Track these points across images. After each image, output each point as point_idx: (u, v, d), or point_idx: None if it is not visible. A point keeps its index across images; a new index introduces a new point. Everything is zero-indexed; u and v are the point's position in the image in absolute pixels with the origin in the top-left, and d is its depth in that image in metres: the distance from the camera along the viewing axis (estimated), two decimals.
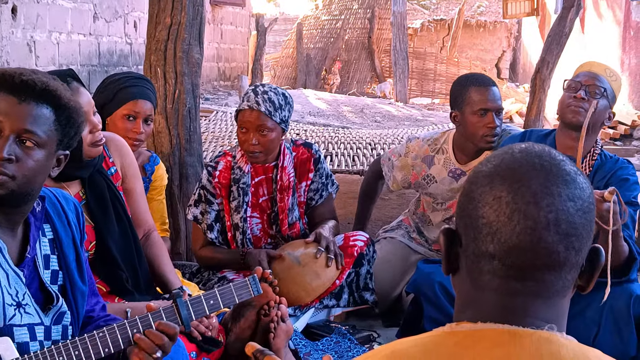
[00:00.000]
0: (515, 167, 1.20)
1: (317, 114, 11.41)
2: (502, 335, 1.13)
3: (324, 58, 20.23)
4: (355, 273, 3.74)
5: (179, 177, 4.35)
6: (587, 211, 1.18)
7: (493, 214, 1.18)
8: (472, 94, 3.76)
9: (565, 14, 7.64)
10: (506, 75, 23.30)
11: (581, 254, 1.18)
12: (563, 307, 1.20)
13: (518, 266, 1.17)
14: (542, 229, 1.15)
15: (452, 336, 1.17)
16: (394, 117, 11.52)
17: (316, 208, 3.91)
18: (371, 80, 20.48)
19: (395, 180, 4.20)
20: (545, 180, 1.17)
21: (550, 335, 1.13)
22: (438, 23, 23.21)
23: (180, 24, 4.26)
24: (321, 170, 3.86)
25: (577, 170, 1.21)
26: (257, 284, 2.50)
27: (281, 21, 25.79)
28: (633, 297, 3.18)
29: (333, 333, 3.56)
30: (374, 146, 6.27)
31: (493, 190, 1.19)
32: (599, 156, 3.37)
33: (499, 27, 23.47)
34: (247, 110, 3.57)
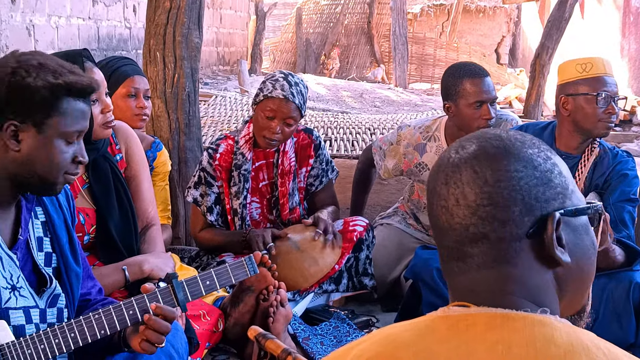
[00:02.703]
0: (442, 155, 1.25)
1: (316, 98, 11.40)
2: (495, 319, 1.13)
3: (323, 43, 20.20)
4: (355, 258, 3.74)
5: (178, 161, 4.35)
6: (504, 179, 1.16)
7: (429, 205, 1.24)
8: (466, 86, 3.70)
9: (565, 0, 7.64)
10: (505, 61, 23.26)
11: (513, 224, 1.16)
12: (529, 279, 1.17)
13: (451, 247, 1.20)
14: (452, 206, 1.18)
15: (445, 320, 1.17)
16: (393, 102, 11.51)
17: (316, 194, 3.91)
18: (370, 65, 20.44)
19: (386, 169, 4.18)
20: (457, 160, 1.20)
21: (544, 318, 1.13)
22: (438, 8, 23.14)
23: (180, 8, 4.25)
24: (321, 157, 3.87)
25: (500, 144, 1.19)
26: (254, 264, 2.51)
27: (280, 6, 25.69)
28: (633, 284, 3.18)
29: (332, 318, 3.57)
30: (373, 131, 6.27)
31: (429, 183, 1.25)
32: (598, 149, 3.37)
33: (499, 13, 23.41)
34: (281, 99, 3.54)
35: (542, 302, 1.17)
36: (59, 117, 2.01)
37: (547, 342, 1.09)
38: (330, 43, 20.28)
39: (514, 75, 17.95)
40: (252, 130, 3.69)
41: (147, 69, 4.30)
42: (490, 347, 1.09)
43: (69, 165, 2.07)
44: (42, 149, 2.01)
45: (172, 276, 2.25)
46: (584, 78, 3.30)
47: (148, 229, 3.17)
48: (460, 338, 1.12)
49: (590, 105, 3.27)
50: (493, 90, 3.75)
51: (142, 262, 2.90)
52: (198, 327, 2.97)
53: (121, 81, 3.51)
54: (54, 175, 2.05)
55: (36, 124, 1.99)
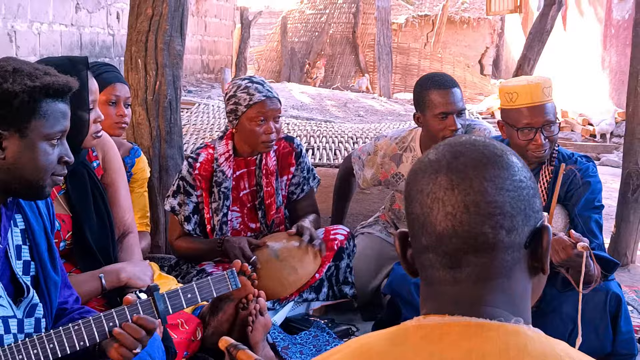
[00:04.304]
0: (435, 158, 1.22)
1: (300, 107, 11.40)
2: (468, 329, 1.13)
3: (308, 52, 20.21)
4: (335, 267, 3.74)
5: (158, 169, 4.33)
6: (511, 189, 1.17)
7: (419, 207, 1.20)
8: (432, 97, 3.71)
9: (546, 11, 7.68)
10: (489, 72, 23.37)
11: (516, 233, 1.17)
12: (514, 290, 1.19)
13: (449, 254, 1.17)
14: (461, 213, 1.16)
15: (419, 329, 1.17)
16: (377, 112, 11.52)
17: (298, 202, 3.91)
18: (355, 75, 20.47)
19: (365, 179, 4.20)
20: (462, 165, 1.18)
21: (517, 328, 1.13)
22: (422, 19, 23.23)
23: (162, 15, 4.24)
24: (302, 164, 3.86)
25: (499, 152, 1.21)
26: (236, 278, 2.50)
27: (266, 14, 25.73)
28: (609, 294, 3.20)
29: (312, 327, 3.56)
30: (355, 140, 6.27)
31: (417, 185, 1.21)
32: (556, 159, 3.33)
33: (483, 24, 23.53)
34: (264, 100, 3.57)
35: (519, 312, 1.18)
36: (40, 119, 2.00)
37: (520, 352, 1.09)
38: (315, 52, 20.30)
39: (497, 86, 18.01)
40: (231, 147, 3.68)
41: (129, 76, 4.28)
42: (464, 356, 1.10)
43: (55, 166, 2.06)
44: (27, 153, 2.00)
45: (154, 288, 2.24)
46: (509, 108, 3.20)
47: (125, 237, 3.15)
48: (434, 347, 1.12)
49: (515, 136, 3.20)
50: (460, 102, 3.75)
51: (120, 270, 2.88)
52: (176, 335, 2.95)
53: (102, 88, 3.50)
54: (41, 178, 2.04)
55: (18, 129, 1.98)
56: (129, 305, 2.18)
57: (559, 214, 3.29)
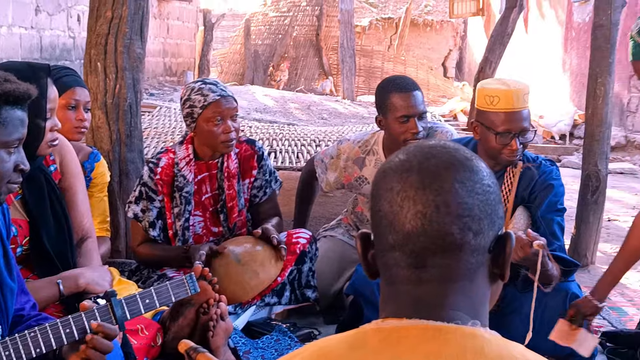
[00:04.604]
0: (406, 158, 1.22)
1: (263, 110, 11.38)
2: (426, 332, 1.14)
3: (272, 55, 20.18)
4: (298, 270, 3.73)
5: (118, 173, 4.29)
6: (480, 192, 1.19)
7: (387, 205, 1.20)
8: (393, 100, 3.72)
9: (507, 14, 7.74)
10: (452, 74, 23.50)
11: (482, 237, 1.19)
12: (476, 294, 1.20)
13: (416, 253, 1.18)
14: (431, 212, 1.16)
15: (377, 333, 1.17)
16: (340, 115, 11.54)
17: (260, 205, 3.89)
18: (319, 78, 20.49)
19: (328, 182, 4.20)
20: (434, 166, 1.19)
21: (475, 331, 1.14)
22: (386, 21, 23.29)
23: (122, 18, 4.20)
24: (264, 167, 3.85)
25: (469, 156, 1.22)
26: (195, 283, 2.48)
27: (229, 17, 25.64)
28: (569, 295, 3.23)
29: (274, 331, 3.55)
30: (318, 143, 6.27)
31: (387, 183, 1.21)
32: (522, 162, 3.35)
33: (446, 27, 23.64)
34: (219, 100, 3.55)
35: (478, 315, 1.19)
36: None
37: (477, 354, 1.10)
38: (279, 55, 20.28)
39: (460, 89, 18.14)
40: (191, 150, 3.66)
41: (88, 79, 4.24)
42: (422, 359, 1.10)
43: (11, 174, 2.03)
44: None
45: (111, 294, 2.22)
46: (489, 111, 3.19)
47: (84, 242, 3.12)
48: (393, 351, 1.13)
49: (492, 139, 3.20)
50: (421, 105, 3.76)
51: (78, 275, 2.85)
52: (136, 341, 2.92)
53: (61, 92, 3.46)
54: None
55: None
56: (86, 312, 2.15)
57: (521, 215, 3.31)
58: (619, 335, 3.63)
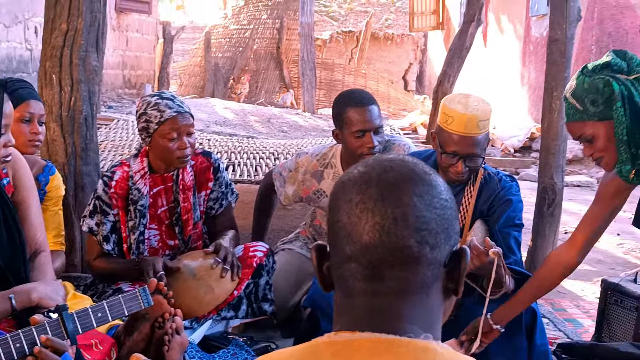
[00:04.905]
0: (365, 170, 1.22)
1: (223, 123, 11.34)
2: (379, 345, 1.14)
3: (232, 67, 20.14)
4: (254, 284, 3.71)
5: (74, 186, 4.25)
6: (438, 207, 1.19)
7: (346, 217, 1.20)
8: (349, 115, 3.72)
9: (465, 28, 7.82)
10: (413, 88, 23.65)
11: (438, 251, 1.19)
12: (431, 308, 1.20)
13: (373, 265, 1.18)
14: (389, 224, 1.16)
15: (330, 346, 1.17)
16: (300, 127, 11.54)
17: (216, 217, 3.88)
18: (280, 90, 20.49)
19: (286, 195, 4.20)
20: (393, 179, 1.20)
21: (427, 344, 1.14)
22: (347, 35, 23.38)
23: (77, 30, 4.17)
24: (221, 179, 3.84)
25: (428, 171, 1.23)
26: (148, 296, 2.46)
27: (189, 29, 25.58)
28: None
29: (230, 345, 3.53)
30: (277, 156, 6.26)
31: (346, 195, 1.21)
32: (483, 177, 3.37)
33: (406, 40, 23.80)
34: (177, 116, 3.52)
35: (432, 329, 1.19)
36: None
37: None
38: (239, 68, 20.25)
39: (420, 102, 18.26)
40: (146, 164, 3.63)
41: (43, 92, 4.20)
42: None
43: None
44: None
45: (62, 308, 2.19)
46: (444, 129, 3.19)
47: (37, 256, 3.07)
48: None
49: (440, 156, 3.23)
50: (377, 119, 3.76)
51: (31, 290, 2.80)
52: (90, 356, 2.87)
53: (15, 105, 3.41)
54: None
55: None
56: (37, 326, 2.12)
57: (479, 228, 3.33)
58: (574, 347, 3.66)
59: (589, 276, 5.34)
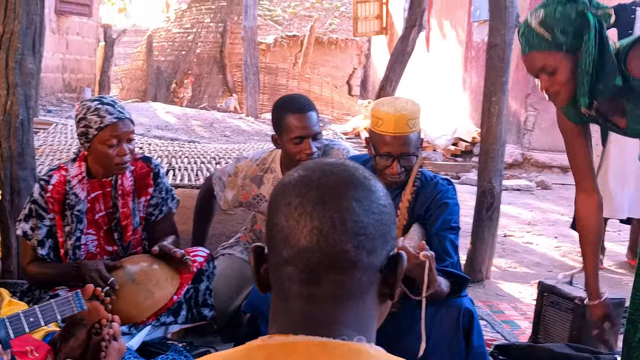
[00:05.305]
0: (305, 174, 1.23)
1: (165, 127, 11.27)
2: (313, 347, 1.14)
3: (175, 71, 20.01)
4: (194, 289, 3.69)
5: (10, 191, 4.19)
6: (376, 212, 1.20)
7: (284, 220, 1.20)
8: (288, 121, 3.72)
9: (407, 33, 7.87)
10: (357, 92, 23.74)
11: (375, 256, 1.19)
12: (366, 311, 1.21)
13: (310, 269, 1.18)
14: (328, 229, 1.17)
15: (263, 349, 1.17)
16: (243, 132, 11.53)
17: (156, 223, 3.84)
18: (223, 95, 20.42)
19: (226, 200, 4.19)
20: (332, 182, 1.20)
21: (360, 346, 1.15)
22: (291, 39, 23.39)
23: (13, 33, 4.10)
24: (161, 185, 3.81)
25: (368, 176, 1.24)
26: (81, 300, 2.43)
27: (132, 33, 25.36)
28: (462, 310, 3.27)
29: (169, 350, 3.50)
30: (218, 161, 6.24)
31: (285, 198, 1.21)
32: (419, 180, 3.40)
33: (351, 45, 23.89)
34: (118, 122, 3.47)
35: (367, 333, 1.19)
36: None
37: None
38: (182, 71, 20.13)
39: (364, 107, 18.35)
40: (84, 168, 3.59)
41: None
42: None
43: None
44: None
45: None
46: (375, 132, 3.24)
47: None
48: None
49: (375, 159, 3.26)
50: (315, 125, 3.77)
51: None
52: None
53: None
54: None
55: None
56: None
57: (415, 232, 3.35)
58: (511, 348, 3.71)
59: (527, 279, 5.42)
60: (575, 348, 3.61)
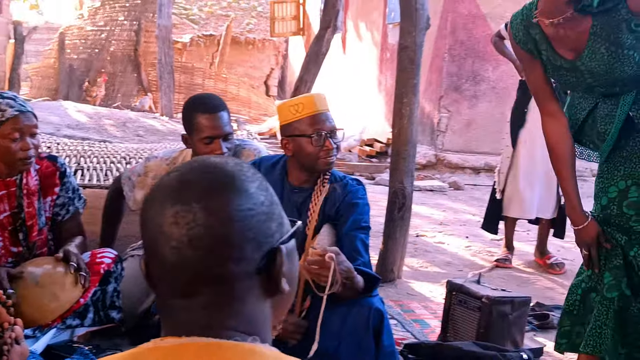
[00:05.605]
0: (166, 186, 1.19)
1: (76, 127, 11.06)
2: (205, 349, 1.13)
3: (88, 70, 19.70)
4: (102, 291, 3.63)
5: None
6: (239, 219, 1.16)
7: (148, 237, 1.18)
8: (199, 121, 3.68)
9: (322, 34, 7.91)
10: (275, 93, 23.78)
11: (246, 262, 1.17)
12: (256, 312, 1.19)
13: (181, 284, 1.16)
14: (185, 248, 1.14)
15: (155, 351, 1.15)
16: (157, 132, 11.41)
17: (63, 224, 3.76)
18: (138, 94, 20.17)
19: (135, 200, 4.13)
20: (187, 198, 1.16)
21: (253, 347, 1.14)
22: (208, 39, 23.27)
23: None
24: (67, 185, 3.73)
25: (230, 180, 1.19)
26: None
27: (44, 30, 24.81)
28: (372, 310, 3.29)
29: (75, 354, 3.43)
30: (128, 160, 6.16)
31: (148, 212, 1.18)
32: (329, 181, 3.41)
33: (268, 45, 23.92)
34: (19, 115, 3.39)
35: (259, 333, 1.18)
36: None
37: None
38: (96, 70, 19.82)
39: None
40: None
41: None
42: None
43: None
44: None
45: None
46: (298, 119, 3.28)
47: None
48: None
49: (308, 145, 3.28)
50: (226, 126, 3.74)
51: None
52: None
53: None
54: None
55: None
56: None
57: (326, 232, 3.36)
58: (420, 346, 3.75)
59: (438, 278, 5.49)
60: (483, 346, 3.67)
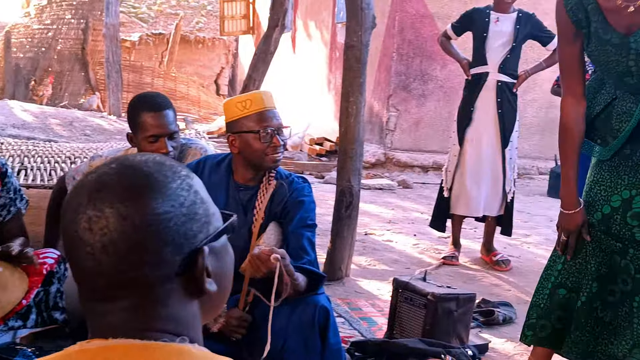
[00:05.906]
0: (84, 188, 1.16)
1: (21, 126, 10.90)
2: (132, 350, 1.11)
3: (34, 68, 19.42)
4: (45, 292, 3.58)
5: None
6: (153, 223, 1.13)
7: (66, 241, 1.16)
8: (144, 119, 3.65)
9: (270, 33, 7.90)
10: (225, 92, 23.68)
11: (164, 266, 1.15)
12: (182, 313, 1.18)
13: (99, 289, 1.14)
14: (99, 254, 1.12)
15: (82, 354, 1.13)
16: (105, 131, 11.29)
17: (4, 224, 3.71)
18: (85, 93, 19.94)
19: None
20: (101, 202, 1.13)
21: (182, 347, 1.13)
22: (157, 37, 23.09)
23: None
24: (9, 185, 3.68)
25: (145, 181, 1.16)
26: None
27: None
28: (318, 307, 3.29)
29: (17, 356, 3.38)
30: (73, 160, 6.08)
31: (65, 216, 1.16)
32: (274, 179, 3.41)
33: (218, 44, 23.82)
34: None
35: (187, 332, 1.17)
36: None
37: None
38: (42, 69, 19.55)
39: None
40: None
41: None
42: None
43: None
44: None
45: None
46: (245, 116, 3.27)
47: None
48: None
49: (255, 141, 3.27)
50: (172, 124, 3.71)
51: None
52: None
53: None
54: None
55: None
56: None
57: (272, 231, 3.35)
58: (367, 344, 3.77)
59: (385, 276, 5.51)
60: (428, 343, 3.70)
